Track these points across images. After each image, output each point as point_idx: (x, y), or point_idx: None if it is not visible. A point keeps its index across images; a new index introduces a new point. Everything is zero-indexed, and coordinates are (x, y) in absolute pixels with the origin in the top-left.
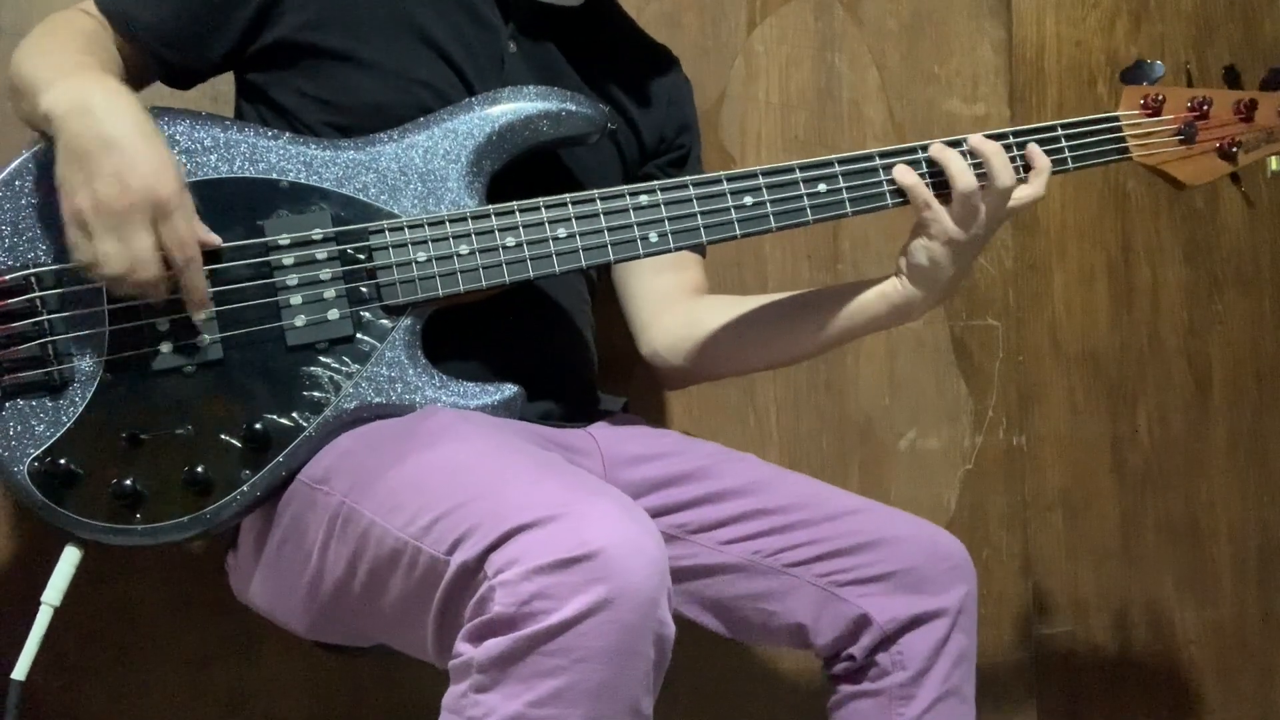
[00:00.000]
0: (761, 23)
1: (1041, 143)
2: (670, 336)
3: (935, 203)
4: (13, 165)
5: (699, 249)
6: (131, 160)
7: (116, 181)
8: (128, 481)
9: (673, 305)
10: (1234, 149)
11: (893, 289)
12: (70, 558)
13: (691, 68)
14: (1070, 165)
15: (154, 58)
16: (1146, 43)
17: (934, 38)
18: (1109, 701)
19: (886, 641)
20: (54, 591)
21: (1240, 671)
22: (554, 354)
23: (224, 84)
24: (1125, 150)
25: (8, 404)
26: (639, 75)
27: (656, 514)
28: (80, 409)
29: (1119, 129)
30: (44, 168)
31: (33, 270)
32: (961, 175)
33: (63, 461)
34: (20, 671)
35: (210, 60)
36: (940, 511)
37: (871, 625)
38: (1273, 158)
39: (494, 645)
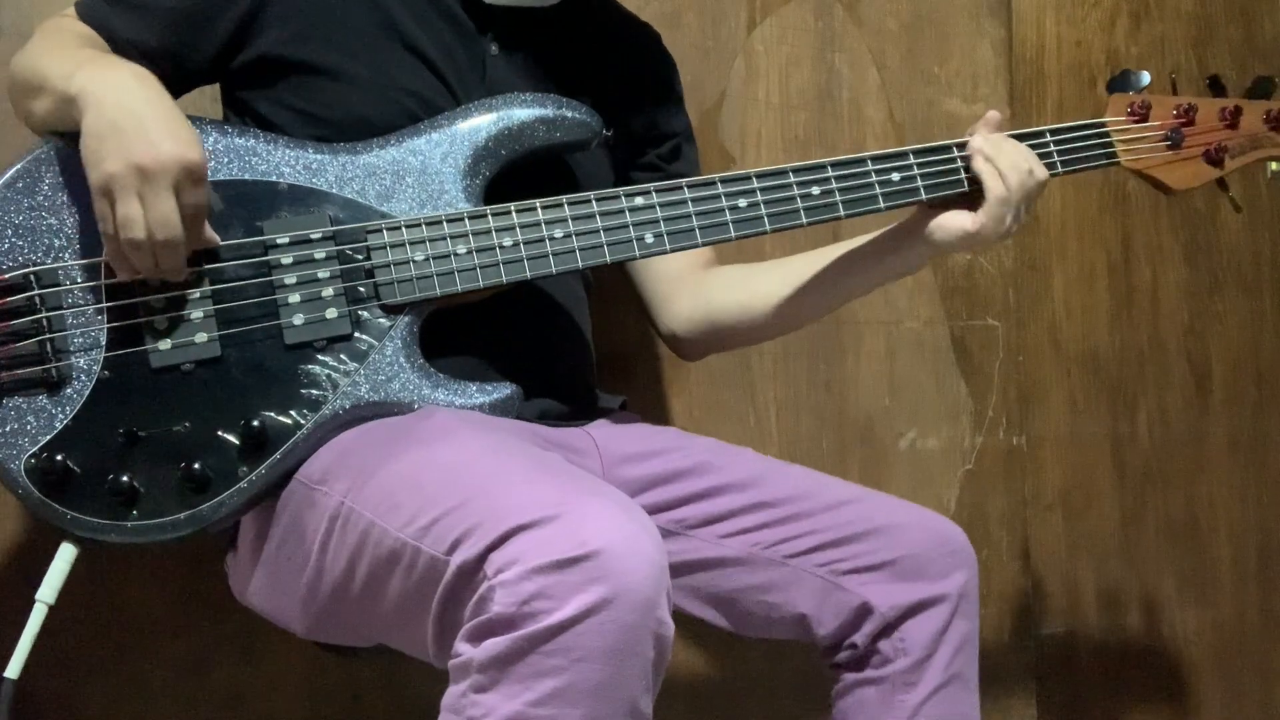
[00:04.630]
0: (761, 23)
1: (1030, 149)
2: (685, 315)
3: (1003, 204)
4: (15, 168)
5: None
6: (161, 129)
7: (149, 146)
8: (124, 478)
9: (684, 284)
10: (1221, 155)
11: (905, 260)
12: (66, 555)
13: (691, 68)
14: (1060, 170)
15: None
16: (1146, 42)
17: (934, 38)
18: (1109, 701)
19: (888, 629)
20: (49, 589)
21: (1240, 671)
22: (551, 353)
23: None
24: (1113, 156)
25: (5, 401)
26: (623, 65)
27: (655, 510)
28: (78, 406)
29: (1107, 135)
30: (46, 170)
31: (32, 269)
32: (1013, 167)
33: (60, 458)
34: (13, 670)
35: (190, 74)
36: (940, 512)
37: (873, 613)
38: (1272, 161)
39: (493, 645)
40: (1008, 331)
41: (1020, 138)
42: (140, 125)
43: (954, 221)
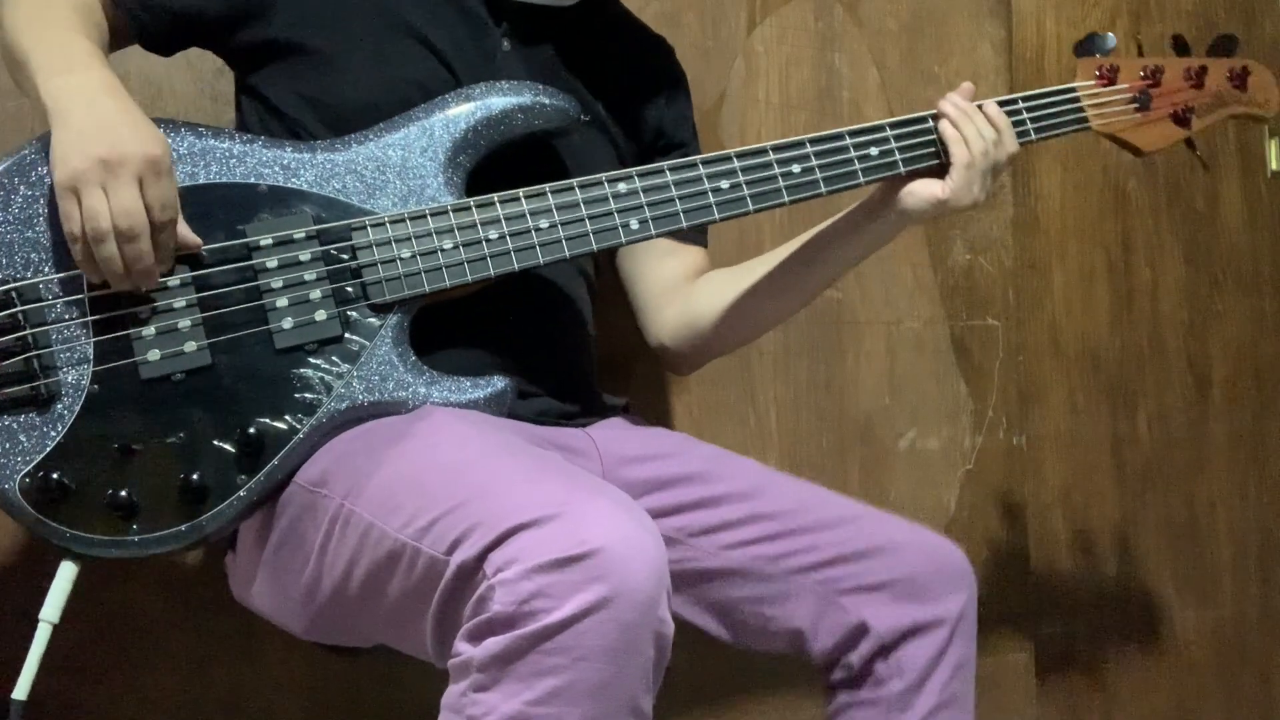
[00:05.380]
0: (761, 23)
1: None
2: (671, 325)
3: (968, 169)
4: None
5: (698, 239)
6: (124, 129)
7: (111, 142)
8: (122, 493)
9: (673, 294)
10: (1188, 115)
11: (880, 231)
12: (67, 573)
13: (691, 68)
14: (1033, 136)
15: (134, 20)
16: (1146, 42)
17: (934, 38)
18: (1109, 701)
19: (885, 650)
20: (52, 608)
21: (1240, 671)
22: (549, 352)
23: (224, 84)
24: (1084, 120)
25: None
26: (635, 72)
27: (655, 515)
28: (69, 422)
29: (1077, 99)
30: (18, 181)
31: (13, 285)
32: (976, 135)
33: (54, 475)
34: (21, 691)
35: (188, 34)
36: (940, 512)
37: (870, 633)
38: (1272, 156)
39: (493, 644)
40: (1008, 331)
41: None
42: (105, 127)
43: (925, 189)
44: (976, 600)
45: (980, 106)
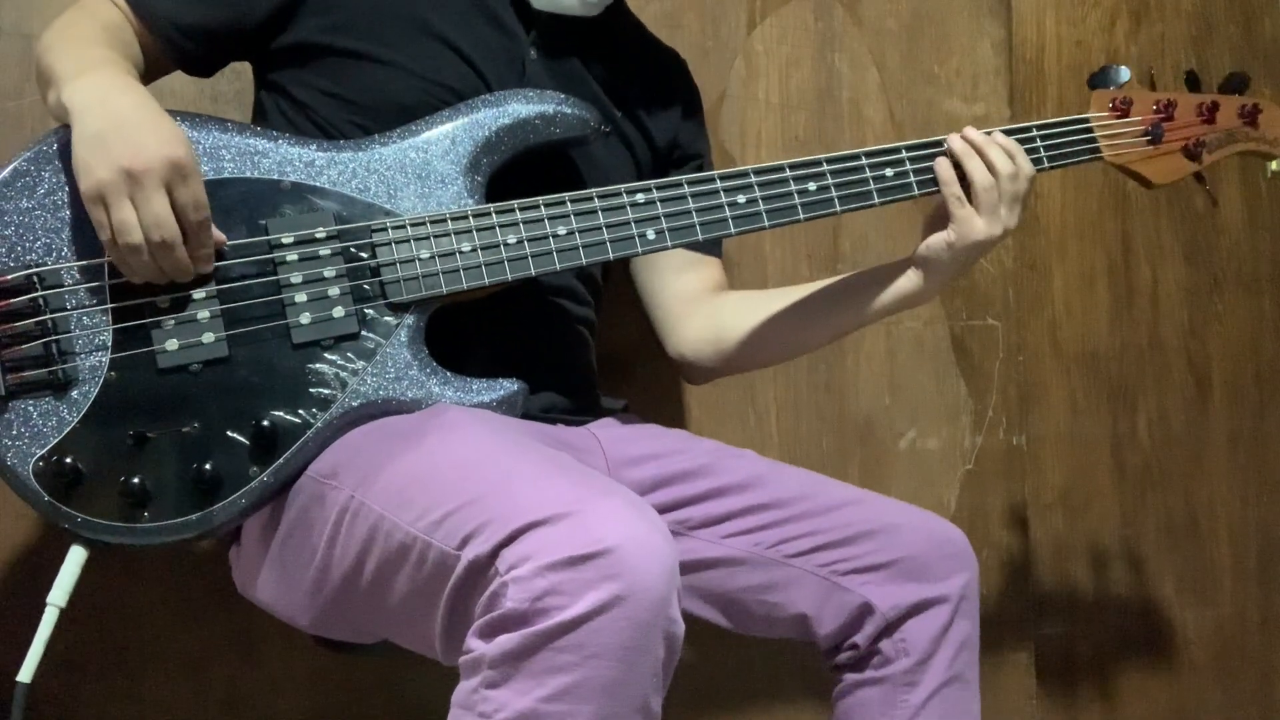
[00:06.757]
0: (761, 23)
1: (1018, 143)
2: (695, 338)
3: (966, 200)
4: (11, 165)
5: (715, 250)
6: (144, 131)
7: (132, 150)
8: (135, 480)
9: (695, 306)
10: (1199, 149)
11: (907, 282)
12: (76, 558)
13: (691, 68)
14: (1045, 165)
15: (171, 46)
16: (1146, 42)
17: (934, 38)
18: (1109, 701)
19: (889, 629)
20: (60, 592)
21: (1240, 671)
22: (554, 349)
23: (224, 83)
24: (1097, 150)
25: (12, 403)
26: (653, 83)
27: (659, 511)
28: (85, 408)
29: (1090, 130)
30: (43, 167)
31: (35, 269)
32: (980, 171)
33: (68, 460)
34: (26, 674)
35: (227, 51)
36: (940, 511)
37: (874, 613)
38: (1273, 159)
39: (506, 641)
40: (1008, 331)
41: (1008, 134)
42: (124, 130)
43: (938, 240)
44: (978, 580)
45: (991, 134)
